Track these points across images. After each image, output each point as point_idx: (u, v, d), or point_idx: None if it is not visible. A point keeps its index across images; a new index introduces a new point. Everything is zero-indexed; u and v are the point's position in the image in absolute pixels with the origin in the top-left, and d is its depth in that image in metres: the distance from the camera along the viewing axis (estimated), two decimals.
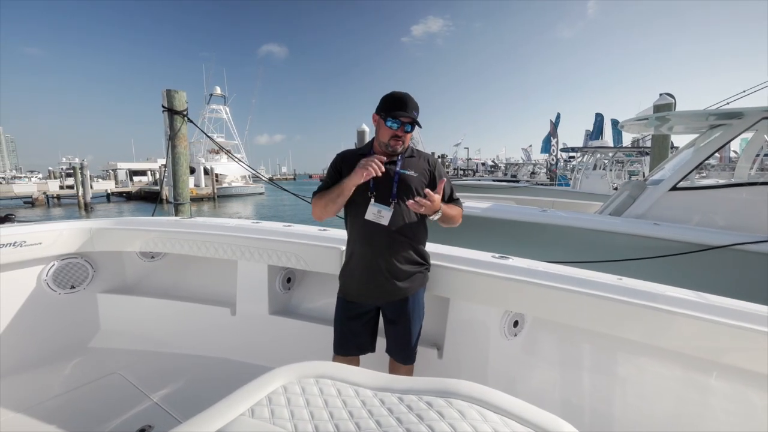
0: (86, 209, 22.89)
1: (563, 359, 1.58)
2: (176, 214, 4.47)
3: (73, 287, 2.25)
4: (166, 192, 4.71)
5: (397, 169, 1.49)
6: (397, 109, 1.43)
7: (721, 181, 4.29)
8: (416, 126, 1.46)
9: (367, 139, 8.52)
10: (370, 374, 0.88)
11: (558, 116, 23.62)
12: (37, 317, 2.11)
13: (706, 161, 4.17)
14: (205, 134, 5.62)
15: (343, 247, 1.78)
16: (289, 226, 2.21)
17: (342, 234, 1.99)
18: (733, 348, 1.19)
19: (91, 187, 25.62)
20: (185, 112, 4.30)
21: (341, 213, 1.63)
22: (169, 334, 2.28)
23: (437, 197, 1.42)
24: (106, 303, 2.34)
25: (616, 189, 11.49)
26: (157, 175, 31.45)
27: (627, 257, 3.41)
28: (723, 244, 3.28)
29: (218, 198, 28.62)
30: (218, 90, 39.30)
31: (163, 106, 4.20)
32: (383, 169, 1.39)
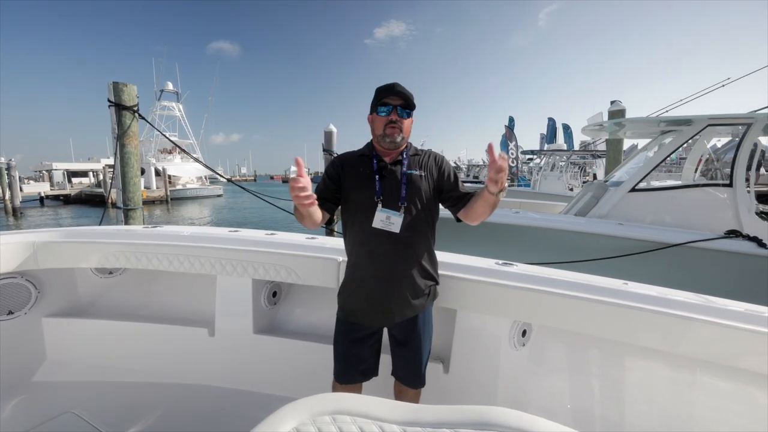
0: (15, 215, 20.39)
1: (573, 368, 1.55)
2: (126, 221, 4.03)
3: (11, 312, 1.89)
4: (114, 196, 4.24)
5: (404, 169, 1.35)
6: (385, 95, 1.32)
7: (674, 183, 4.62)
8: (412, 110, 1.34)
9: (335, 140, 8.25)
10: (391, 405, 0.77)
11: (511, 120, 24.53)
12: None
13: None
14: (164, 135, 5.17)
15: (340, 258, 1.63)
16: (272, 234, 2.00)
17: (334, 242, 1.83)
18: (749, 352, 1.19)
19: (21, 190, 22.97)
20: (136, 108, 3.89)
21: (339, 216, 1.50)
22: (133, 361, 1.99)
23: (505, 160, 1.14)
24: (54, 329, 2.00)
25: (571, 189, 12.21)
26: (101, 177, 28.75)
27: (596, 257, 3.55)
28: (680, 242, 3.51)
29: (171, 201, 26.78)
30: (170, 86, 36.74)
31: (109, 101, 3.76)
32: (308, 202, 1.14)
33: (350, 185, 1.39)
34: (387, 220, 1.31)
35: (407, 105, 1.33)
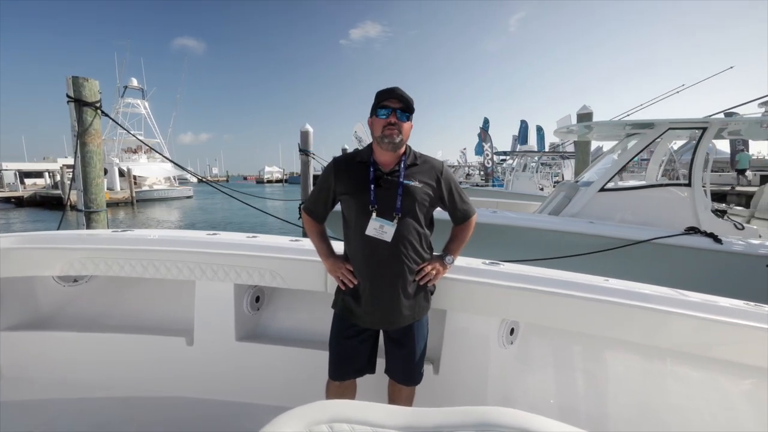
0: None
1: (559, 363, 1.59)
2: (88, 225, 3.78)
3: None
4: (73, 198, 3.96)
5: (401, 179, 1.37)
6: (385, 98, 1.35)
7: (639, 183, 4.87)
8: (410, 114, 1.36)
9: (311, 140, 8.14)
10: (388, 410, 0.76)
11: (486, 121, 25.17)
12: None
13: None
14: (131, 133, 4.89)
15: None
16: (254, 237, 1.91)
17: None
18: (723, 343, 1.27)
19: None
20: (98, 104, 3.65)
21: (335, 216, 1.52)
22: (102, 375, 1.86)
23: (432, 266, 1.41)
24: (11, 343, 1.84)
25: (542, 189, 12.67)
26: (58, 177, 26.86)
27: (569, 254, 3.68)
28: (645, 238, 3.71)
29: (137, 203, 25.50)
30: (135, 82, 34.92)
31: (68, 96, 3.51)
32: (355, 282, 1.40)
33: (346, 189, 1.41)
34: (380, 229, 1.33)
35: (406, 108, 1.35)
